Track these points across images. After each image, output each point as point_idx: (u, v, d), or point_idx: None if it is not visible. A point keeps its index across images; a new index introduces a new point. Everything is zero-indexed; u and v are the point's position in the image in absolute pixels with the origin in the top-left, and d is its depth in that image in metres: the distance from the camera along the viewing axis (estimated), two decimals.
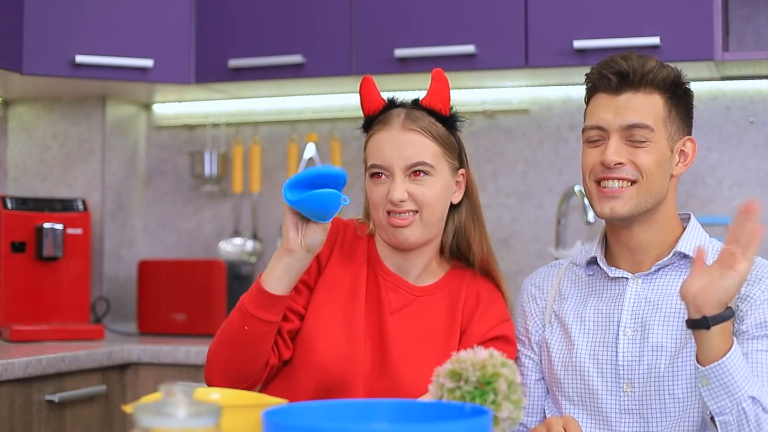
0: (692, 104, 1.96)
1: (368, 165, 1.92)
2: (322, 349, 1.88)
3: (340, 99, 3.51)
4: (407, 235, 1.90)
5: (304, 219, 1.79)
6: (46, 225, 3.13)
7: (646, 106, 1.86)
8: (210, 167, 3.55)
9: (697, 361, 1.69)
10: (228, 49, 3.23)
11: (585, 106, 1.95)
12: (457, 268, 2.02)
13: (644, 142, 1.85)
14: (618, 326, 1.88)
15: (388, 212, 1.89)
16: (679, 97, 1.91)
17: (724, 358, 1.66)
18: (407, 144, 1.89)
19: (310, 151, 3.49)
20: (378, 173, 1.90)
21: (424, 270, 1.98)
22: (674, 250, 1.88)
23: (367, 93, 1.96)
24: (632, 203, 1.86)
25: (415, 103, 1.95)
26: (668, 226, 1.91)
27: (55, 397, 2.65)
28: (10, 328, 3.01)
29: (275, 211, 3.58)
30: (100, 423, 2.85)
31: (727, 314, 1.66)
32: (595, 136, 1.90)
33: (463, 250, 2.01)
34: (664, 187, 1.88)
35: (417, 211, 1.90)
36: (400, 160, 1.88)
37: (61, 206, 3.23)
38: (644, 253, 1.91)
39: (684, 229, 1.93)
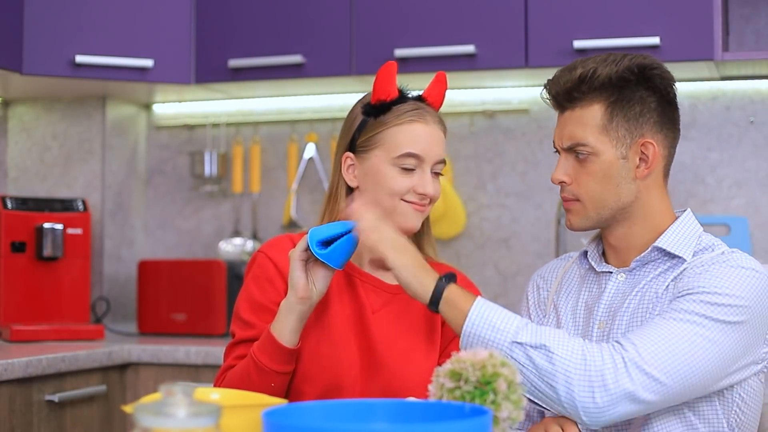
0: (661, 97, 1.85)
1: (400, 153, 1.92)
2: (306, 361, 1.90)
3: (340, 99, 3.50)
4: (419, 222, 1.96)
5: (311, 265, 1.83)
6: (46, 225, 3.13)
7: (582, 121, 1.84)
8: (210, 167, 3.55)
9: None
10: (228, 49, 3.23)
11: None
12: (430, 264, 2.03)
13: (587, 156, 1.84)
14: (595, 319, 1.90)
15: (408, 201, 1.93)
16: (630, 95, 1.83)
17: (466, 320, 1.69)
18: (439, 141, 1.95)
19: (310, 151, 3.49)
20: (410, 164, 1.92)
21: None
22: (653, 245, 1.87)
23: (386, 79, 1.95)
24: (581, 217, 1.88)
25: (422, 99, 1.98)
26: (652, 225, 1.88)
27: (55, 397, 2.65)
28: (10, 328, 3.01)
29: (275, 211, 3.58)
30: (100, 423, 2.85)
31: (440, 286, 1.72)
32: (557, 152, 1.93)
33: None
34: (621, 195, 1.85)
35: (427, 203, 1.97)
36: (433, 155, 1.94)
37: (61, 206, 3.23)
38: (628, 251, 1.90)
39: None
